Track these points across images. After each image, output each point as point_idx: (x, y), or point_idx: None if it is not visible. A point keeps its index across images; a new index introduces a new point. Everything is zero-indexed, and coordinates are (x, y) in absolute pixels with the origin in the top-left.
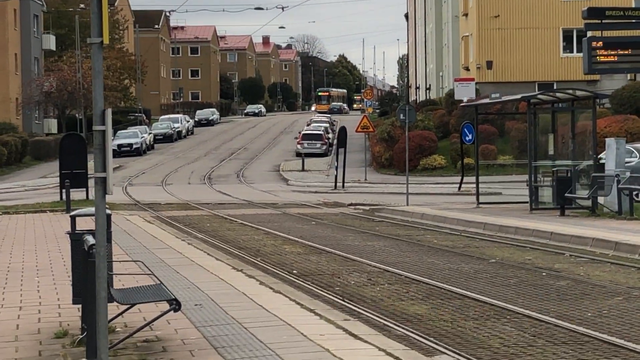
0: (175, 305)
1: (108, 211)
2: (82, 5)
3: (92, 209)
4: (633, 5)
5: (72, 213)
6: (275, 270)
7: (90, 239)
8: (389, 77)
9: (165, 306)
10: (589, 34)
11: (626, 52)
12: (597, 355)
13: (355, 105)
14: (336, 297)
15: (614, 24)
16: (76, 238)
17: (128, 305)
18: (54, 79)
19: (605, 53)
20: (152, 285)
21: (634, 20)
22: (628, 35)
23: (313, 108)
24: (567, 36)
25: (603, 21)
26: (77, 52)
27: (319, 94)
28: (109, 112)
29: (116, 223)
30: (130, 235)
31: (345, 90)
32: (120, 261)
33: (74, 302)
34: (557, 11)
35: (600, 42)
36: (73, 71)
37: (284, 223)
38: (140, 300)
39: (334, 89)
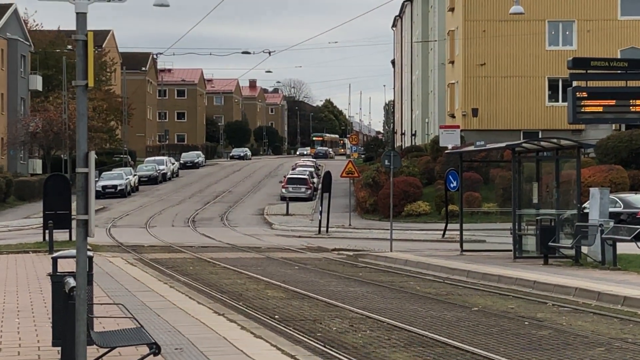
0: (155, 349)
1: (90, 253)
2: (69, 47)
3: (73, 251)
4: (618, 57)
5: (54, 255)
6: (257, 315)
7: (71, 281)
8: (375, 123)
9: (145, 350)
10: (574, 83)
11: (611, 102)
12: None
13: (339, 150)
14: (317, 343)
15: (598, 75)
16: (57, 280)
17: (108, 349)
18: (40, 119)
19: (590, 103)
20: (132, 328)
21: (618, 71)
22: (613, 85)
23: (305, 152)
24: (553, 85)
25: (588, 71)
26: (63, 93)
27: (314, 138)
28: (92, 154)
29: (99, 265)
30: (112, 278)
31: (337, 135)
32: (101, 304)
33: (54, 344)
34: (543, 60)
35: (585, 92)
36: (59, 112)
37: (267, 267)
38: (120, 344)
39: (327, 134)
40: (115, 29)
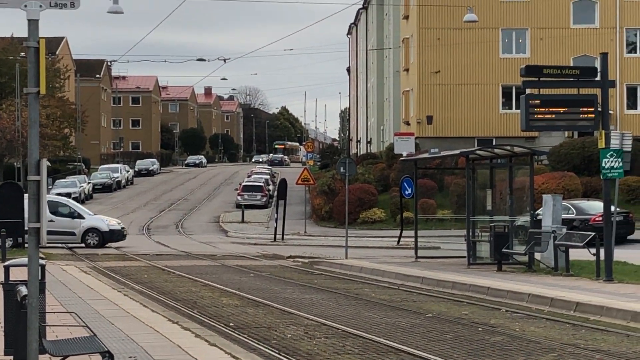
0: (108, 357)
1: (42, 261)
2: (22, 54)
3: (25, 259)
4: (571, 64)
5: (6, 263)
6: (211, 323)
7: (23, 290)
8: (331, 130)
9: (98, 358)
10: (527, 91)
11: (563, 110)
12: None
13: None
14: (272, 351)
15: (551, 82)
16: (9, 288)
17: (60, 357)
18: None
19: (543, 110)
20: (85, 337)
21: (571, 79)
22: (565, 93)
23: (261, 159)
24: (507, 92)
25: (541, 79)
26: (16, 101)
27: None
28: (44, 162)
29: (52, 273)
30: (65, 286)
31: (297, 143)
32: (54, 312)
33: (6, 353)
34: (497, 68)
35: (538, 100)
36: (12, 119)
37: (222, 275)
38: (73, 352)
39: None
40: (69, 36)
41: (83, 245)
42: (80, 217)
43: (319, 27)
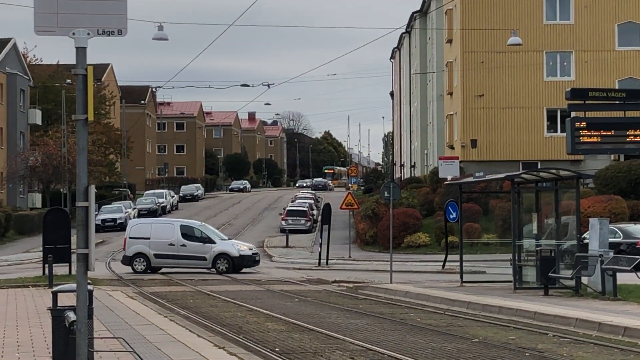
0: None
1: (90, 287)
2: (68, 81)
3: (74, 285)
4: (616, 87)
5: (54, 289)
6: (257, 348)
7: (72, 315)
8: (374, 154)
9: None
10: (573, 114)
11: (609, 133)
12: None
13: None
14: None
15: (597, 105)
16: (57, 314)
17: None
18: (40, 153)
19: (589, 134)
20: None
21: (616, 102)
22: (611, 116)
23: (305, 184)
24: (551, 116)
25: (586, 102)
26: (63, 127)
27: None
28: (92, 188)
29: (98, 299)
30: (112, 311)
31: (344, 168)
32: (101, 337)
33: None
34: (541, 91)
35: (584, 123)
36: (58, 146)
37: (267, 300)
38: None
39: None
40: (114, 63)
41: (214, 270)
42: (211, 241)
43: (362, 52)
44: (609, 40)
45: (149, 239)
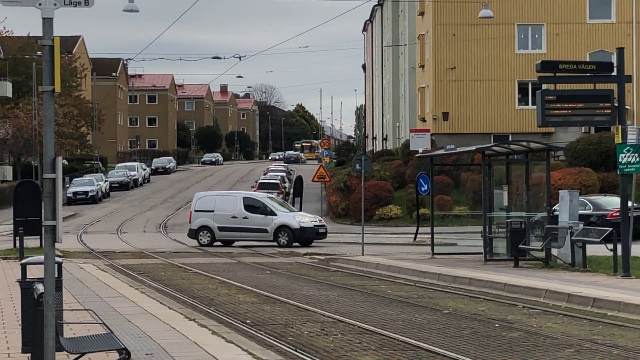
0: (125, 354)
1: (59, 259)
2: (39, 53)
3: (42, 257)
4: (587, 60)
5: (23, 261)
6: (228, 320)
7: (40, 288)
8: (347, 127)
9: (115, 355)
10: (543, 87)
11: (579, 105)
12: None
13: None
14: (289, 348)
15: (567, 78)
16: (26, 286)
17: (77, 355)
18: (10, 125)
19: (559, 106)
20: (102, 334)
21: (587, 74)
22: (581, 88)
23: (277, 157)
24: (523, 88)
25: (557, 74)
26: (33, 100)
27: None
28: (59, 160)
29: (69, 271)
30: (83, 284)
31: (316, 141)
32: (71, 310)
33: (23, 351)
34: (513, 64)
35: (554, 95)
36: (29, 118)
37: (238, 272)
38: (90, 350)
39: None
40: (85, 35)
41: (275, 244)
42: (272, 213)
43: (334, 24)
44: (580, 12)
45: (213, 211)
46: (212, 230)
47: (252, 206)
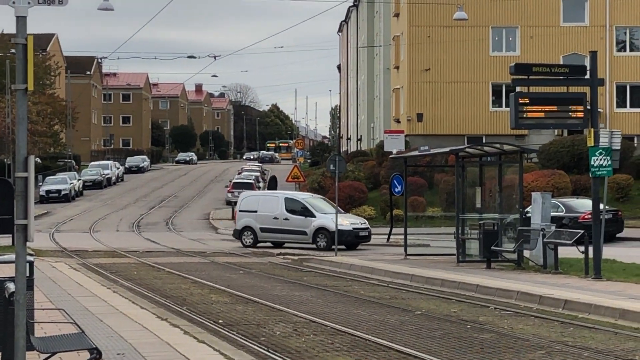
0: (96, 354)
1: (30, 258)
2: (12, 50)
3: (13, 256)
4: (561, 62)
5: None
6: (200, 320)
7: (11, 286)
8: (321, 128)
9: (87, 355)
10: (517, 89)
11: (552, 108)
12: None
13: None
14: (261, 348)
15: (540, 80)
16: None
17: (48, 354)
18: None
19: (532, 109)
20: (74, 333)
21: (560, 77)
22: (555, 91)
23: (252, 157)
24: (497, 91)
25: (530, 77)
26: (7, 97)
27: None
28: (31, 158)
29: (41, 270)
30: (55, 283)
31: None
32: (42, 309)
33: None
34: (487, 66)
35: (527, 98)
36: (3, 116)
37: (211, 272)
38: (61, 349)
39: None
40: (59, 33)
41: (314, 246)
42: (312, 215)
43: (310, 25)
44: (554, 16)
45: (256, 212)
46: (254, 231)
47: (293, 207)
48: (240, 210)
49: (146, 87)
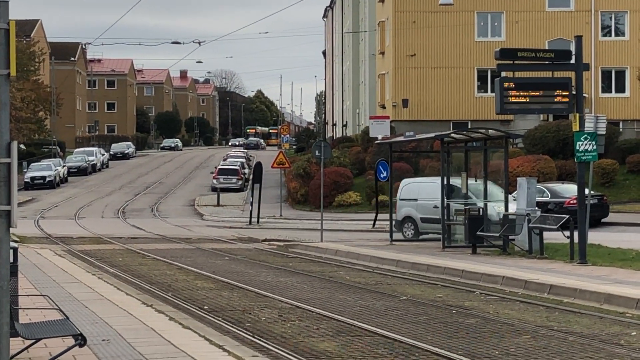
0: (81, 340)
1: (14, 244)
2: None
3: None
4: (546, 48)
5: None
6: (186, 306)
7: None
8: (307, 114)
9: (71, 341)
10: (502, 74)
11: (537, 93)
12: None
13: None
14: (246, 333)
15: (525, 65)
16: None
17: (33, 340)
18: None
19: (517, 94)
20: (58, 319)
21: (545, 62)
22: (540, 76)
23: (237, 143)
24: (482, 76)
25: (515, 62)
26: None
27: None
28: (14, 144)
29: (26, 256)
30: (39, 269)
31: (267, 128)
32: (27, 295)
33: None
34: (472, 51)
35: (512, 83)
36: None
37: (197, 258)
38: (45, 335)
39: (259, 127)
40: (43, 19)
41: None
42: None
43: (295, 10)
44: (539, 1)
45: (416, 200)
46: (415, 222)
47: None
48: (401, 199)
49: (131, 74)
